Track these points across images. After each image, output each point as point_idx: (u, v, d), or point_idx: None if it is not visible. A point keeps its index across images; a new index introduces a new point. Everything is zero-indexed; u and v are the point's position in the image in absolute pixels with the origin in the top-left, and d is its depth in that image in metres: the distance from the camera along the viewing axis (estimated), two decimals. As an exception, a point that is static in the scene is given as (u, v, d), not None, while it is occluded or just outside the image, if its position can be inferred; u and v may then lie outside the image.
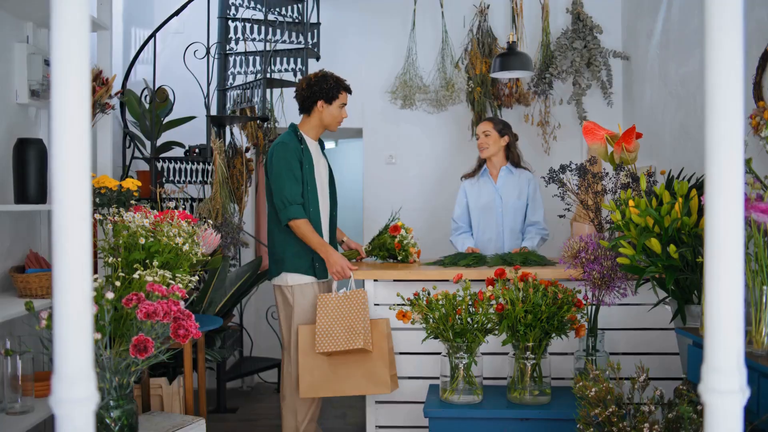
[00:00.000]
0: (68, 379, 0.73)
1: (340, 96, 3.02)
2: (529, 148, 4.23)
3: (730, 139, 0.78)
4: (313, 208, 2.96)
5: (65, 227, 0.71)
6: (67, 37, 0.69)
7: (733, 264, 0.76)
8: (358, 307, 2.78)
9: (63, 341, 0.74)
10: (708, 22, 0.78)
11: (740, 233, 0.80)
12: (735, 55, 0.76)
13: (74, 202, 0.71)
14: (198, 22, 4.01)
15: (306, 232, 2.88)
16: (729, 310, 0.78)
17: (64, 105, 0.70)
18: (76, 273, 0.74)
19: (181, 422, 2.50)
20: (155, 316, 1.92)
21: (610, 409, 2.05)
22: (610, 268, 2.47)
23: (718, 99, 0.77)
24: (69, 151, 0.71)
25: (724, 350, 0.81)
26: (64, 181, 0.70)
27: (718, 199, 0.76)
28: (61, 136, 0.70)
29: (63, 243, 0.71)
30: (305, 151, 2.97)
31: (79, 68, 0.71)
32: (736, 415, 0.84)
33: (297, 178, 2.89)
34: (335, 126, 3.07)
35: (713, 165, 0.77)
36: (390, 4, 4.53)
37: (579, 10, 4.22)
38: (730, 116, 0.77)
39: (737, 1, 0.76)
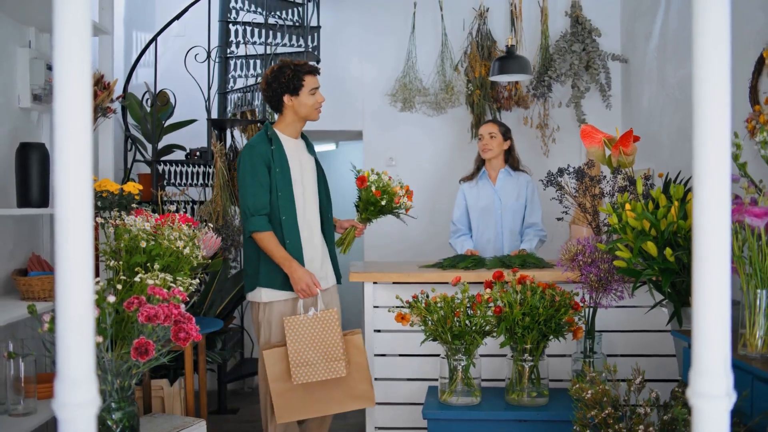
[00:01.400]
0: (71, 383, 0.74)
1: (305, 82, 2.70)
2: (529, 151, 4.25)
3: (718, 148, 0.79)
4: (286, 216, 2.68)
5: (67, 232, 0.72)
6: (68, 42, 0.70)
7: (721, 272, 0.77)
8: (331, 329, 2.60)
9: (65, 346, 0.75)
10: (695, 35, 0.80)
11: (727, 242, 0.81)
12: (722, 68, 0.78)
13: (76, 207, 0.72)
14: (199, 25, 4.03)
15: (269, 246, 2.64)
16: (716, 316, 0.79)
17: (66, 109, 0.71)
18: (78, 280, 0.75)
19: (182, 424, 2.53)
20: (156, 319, 1.94)
21: (606, 411, 2.07)
22: (607, 271, 2.49)
23: (706, 109, 0.79)
24: (71, 156, 0.72)
25: (711, 355, 0.82)
26: (67, 186, 0.72)
27: (705, 207, 0.77)
28: (64, 140, 0.71)
29: (65, 248, 0.72)
30: (277, 152, 2.69)
31: (80, 73, 0.71)
32: (723, 419, 0.86)
33: (263, 184, 2.65)
34: (315, 114, 2.76)
35: (700, 176, 0.79)
36: (390, 7, 4.55)
37: (578, 13, 4.24)
38: (717, 125, 0.78)
39: (724, 15, 0.78)
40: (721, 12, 0.76)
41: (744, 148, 2.57)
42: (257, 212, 2.64)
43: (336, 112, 4.23)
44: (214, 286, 3.47)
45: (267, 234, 2.64)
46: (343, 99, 4.45)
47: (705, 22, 0.77)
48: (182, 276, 2.40)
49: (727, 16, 0.79)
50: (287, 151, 2.73)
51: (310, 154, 2.86)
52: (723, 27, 0.76)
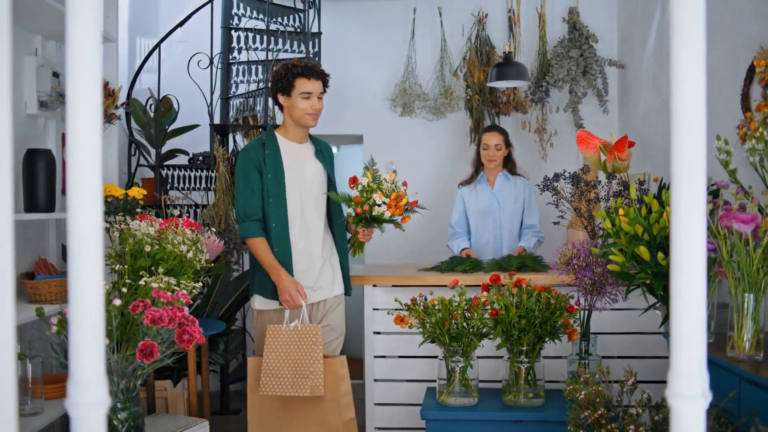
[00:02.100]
0: (82, 383, 0.77)
1: (296, 84, 2.58)
2: (527, 155, 4.31)
3: (694, 159, 0.82)
4: (276, 223, 2.60)
5: (79, 238, 0.74)
6: (81, 52, 0.72)
7: (697, 279, 0.79)
8: (310, 346, 2.47)
9: (77, 349, 0.79)
10: (673, 49, 0.82)
11: (703, 251, 0.83)
12: (697, 82, 0.79)
13: (88, 212, 0.74)
14: (201, 31, 4.10)
15: (258, 252, 2.59)
16: (692, 322, 0.82)
17: (79, 117, 0.73)
18: (89, 286, 0.79)
19: (186, 424, 2.58)
20: (161, 322, 1.99)
21: (599, 411, 2.12)
22: (601, 275, 2.54)
23: (682, 124, 0.81)
24: (84, 162, 0.74)
25: (687, 358, 0.85)
26: (79, 192, 0.73)
27: (682, 216, 0.80)
28: (76, 146, 0.73)
29: (77, 254, 0.74)
30: (270, 157, 2.61)
31: (92, 83, 0.73)
32: (699, 418, 0.90)
33: (254, 189, 2.60)
34: (308, 120, 2.63)
35: (678, 187, 0.80)
36: (390, 13, 4.62)
37: (575, 19, 4.29)
38: (693, 137, 0.79)
39: (700, 31, 0.82)
40: (697, 26, 0.76)
41: (735, 154, 2.62)
42: (248, 217, 2.60)
43: (337, 116, 4.29)
44: (217, 289, 3.52)
45: (257, 240, 2.59)
46: (344, 103, 4.51)
47: (681, 37, 0.78)
48: (186, 279, 2.46)
49: (702, 30, 0.78)
50: (285, 156, 2.65)
51: (320, 159, 2.73)
52: (699, 42, 0.77)
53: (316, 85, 2.61)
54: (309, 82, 2.59)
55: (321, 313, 2.71)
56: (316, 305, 2.69)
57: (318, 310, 2.70)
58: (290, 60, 2.64)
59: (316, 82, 2.61)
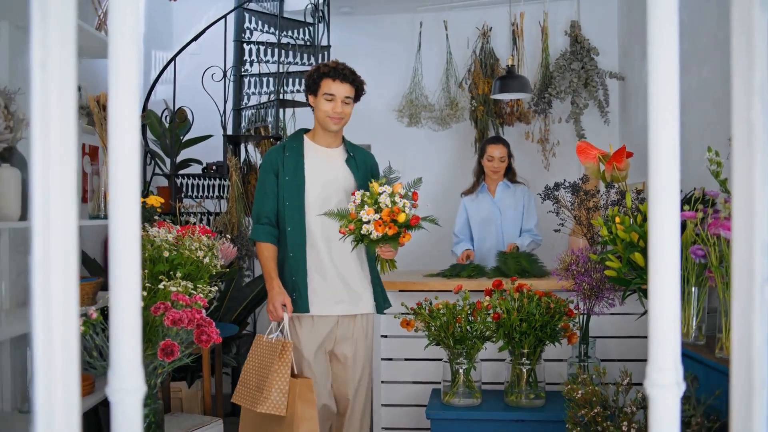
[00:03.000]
0: (121, 373, 0.84)
1: (321, 84, 2.49)
2: (530, 164, 4.43)
3: (668, 175, 0.90)
4: (291, 227, 2.49)
5: (120, 244, 0.81)
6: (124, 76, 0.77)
7: (671, 281, 0.86)
8: (279, 362, 2.33)
9: (118, 342, 0.85)
10: (651, 69, 0.90)
11: (676, 257, 0.91)
12: (671, 102, 0.86)
13: (128, 221, 0.81)
14: (213, 44, 4.24)
15: (261, 257, 2.51)
16: (668, 319, 0.87)
17: (120, 131, 0.78)
18: (128, 286, 0.89)
19: (201, 422, 2.70)
20: (181, 323, 2.12)
21: (595, 410, 2.23)
22: (599, 280, 2.64)
23: (658, 140, 0.89)
24: (125, 173, 0.80)
25: (664, 352, 0.93)
26: (120, 202, 0.80)
27: (657, 225, 0.86)
28: (118, 160, 0.79)
29: (118, 258, 0.82)
30: (290, 160, 2.53)
31: (131, 106, 0.78)
32: (674, 405, 1.00)
33: (267, 192, 2.52)
34: (330, 123, 2.53)
35: (654, 197, 0.88)
36: (397, 27, 4.75)
37: (577, 32, 4.42)
38: (668, 152, 0.86)
39: (674, 49, 0.91)
40: (671, 45, 0.82)
41: (728, 165, 2.73)
42: (258, 220, 2.55)
43: (346, 126, 4.41)
44: (230, 293, 3.65)
45: (262, 245, 2.52)
46: (353, 114, 4.63)
47: (657, 57, 0.83)
48: (202, 284, 2.58)
49: (675, 52, 0.83)
50: (309, 160, 2.54)
51: (351, 167, 2.61)
52: (673, 61, 0.82)
53: (341, 88, 2.50)
54: (334, 83, 2.48)
55: (343, 330, 2.56)
56: (342, 319, 2.54)
57: (339, 327, 2.55)
58: (325, 61, 2.56)
59: (342, 85, 2.50)
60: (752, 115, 0.75)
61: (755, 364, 0.78)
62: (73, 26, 0.79)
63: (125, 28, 0.81)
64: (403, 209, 2.32)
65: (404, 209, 2.32)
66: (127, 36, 0.80)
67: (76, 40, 0.79)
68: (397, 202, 2.33)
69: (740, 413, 0.78)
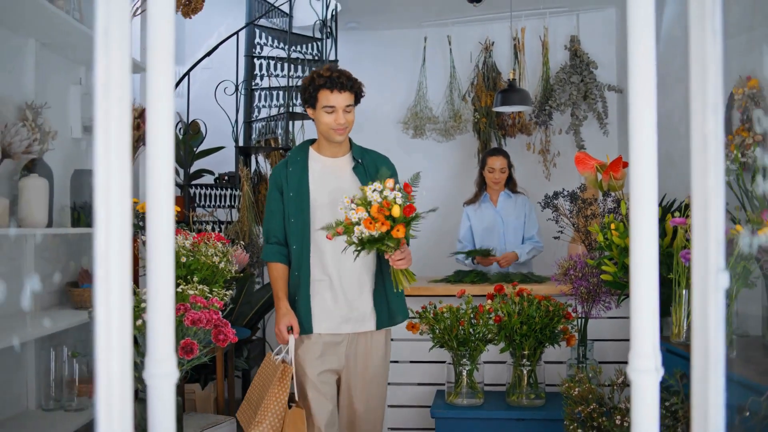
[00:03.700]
0: (157, 358, 0.90)
1: (319, 97, 2.32)
2: (531, 175, 4.56)
3: (647, 181, 1.00)
4: (297, 245, 2.38)
5: (156, 248, 0.87)
6: (156, 90, 0.82)
7: (650, 278, 0.91)
8: (278, 386, 2.26)
9: (154, 331, 0.91)
10: (630, 86, 1.00)
11: (655, 257, 1.00)
12: (650, 114, 0.94)
13: (163, 224, 0.89)
14: (225, 58, 4.40)
15: (270, 277, 2.44)
16: (648, 312, 0.93)
17: (158, 146, 0.81)
18: (163, 282, 0.97)
19: (215, 421, 2.82)
20: (200, 323, 2.25)
21: (591, 406, 2.34)
22: (596, 284, 2.77)
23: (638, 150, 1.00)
24: (159, 185, 0.83)
25: (644, 341, 0.97)
26: (156, 209, 0.84)
27: (638, 227, 0.90)
28: (154, 175, 0.82)
29: (155, 260, 0.87)
30: (294, 174, 2.41)
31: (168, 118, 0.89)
32: (654, 388, 1.09)
33: (272, 211, 2.44)
34: (334, 135, 2.36)
35: (635, 200, 0.96)
36: (402, 42, 4.91)
37: (576, 47, 4.56)
38: (647, 166, 0.90)
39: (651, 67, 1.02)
40: (648, 62, 0.85)
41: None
42: (267, 240, 2.48)
43: (353, 138, 4.56)
44: (242, 299, 3.78)
45: (270, 265, 2.45)
46: (359, 126, 4.75)
47: (636, 75, 0.87)
48: (217, 287, 2.72)
49: (653, 66, 0.85)
50: (313, 173, 2.42)
51: (359, 174, 2.44)
52: (650, 76, 0.85)
53: (341, 97, 2.31)
54: (332, 94, 2.31)
55: (355, 348, 2.44)
56: (353, 337, 2.42)
57: (352, 345, 2.44)
58: (318, 69, 2.38)
59: (341, 94, 2.31)
60: (706, 130, 0.87)
61: (711, 344, 0.90)
62: (128, 58, 0.92)
63: (163, 53, 0.93)
64: (395, 201, 2.10)
65: (395, 201, 2.10)
66: (164, 60, 0.90)
67: (131, 68, 0.92)
68: (388, 196, 2.10)
69: (699, 384, 0.90)
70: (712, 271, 0.93)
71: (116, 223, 0.89)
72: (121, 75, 0.93)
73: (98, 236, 0.85)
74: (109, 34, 0.88)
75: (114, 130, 0.94)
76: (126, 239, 0.91)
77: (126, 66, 0.91)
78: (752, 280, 2.16)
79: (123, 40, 0.89)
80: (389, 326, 2.47)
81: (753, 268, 2.13)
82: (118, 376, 0.92)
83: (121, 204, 0.92)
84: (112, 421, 0.85)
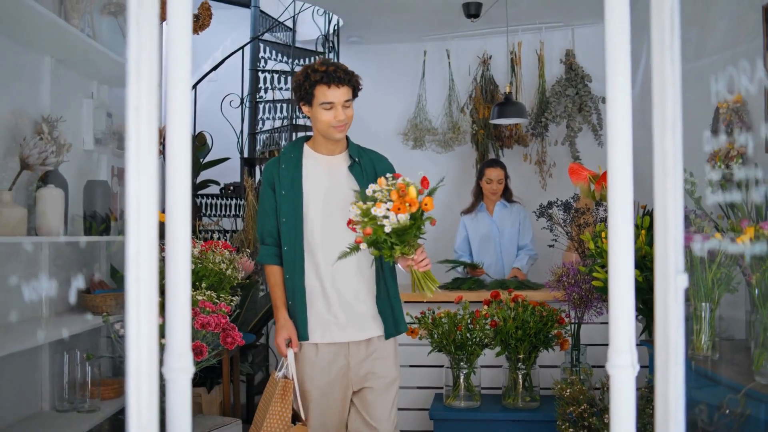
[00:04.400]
0: (175, 354, 0.97)
1: (315, 93, 2.17)
2: (528, 185, 4.68)
3: (623, 191, 1.07)
4: (288, 246, 2.23)
5: (175, 253, 0.95)
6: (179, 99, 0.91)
7: (627, 282, 0.99)
8: (281, 403, 2.14)
9: (173, 329, 0.98)
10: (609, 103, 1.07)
11: (631, 262, 1.07)
12: (625, 128, 0.97)
13: (180, 231, 0.95)
14: (230, 71, 4.53)
15: (268, 281, 2.30)
16: (625, 313, 1.01)
17: (176, 156, 0.90)
18: (180, 284, 1.00)
19: (222, 422, 2.93)
20: (209, 326, 2.37)
21: (582, 407, 2.45)
22: (588, 290, 2.88)
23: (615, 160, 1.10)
24: (177, 198, 0.92)
25: (621, 339, 1.01)
26: (175, 218, 0.93)
27: (617, 234, 0.96)
28: (174, 189, 0.92)
29: (174, 263, 0.95)
30: (286, 171, 2.27)
31: (185, 132, 0.94)
32: (630, 383, 1.14)
33: (266, 209, 2.29)
34: (332, 132, 2.21)
35: (613, 208, 1.06)
36: (402, 56, 5.06)
37: (571, 60, 4.70)
38: (622, 173, 0.98)
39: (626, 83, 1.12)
40: (624, 79, 0.94)
41: (698, 185, 2.97)
42: (262, 241, 2.32)
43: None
44: (247, 305, 3.89)
45: (267, 267, 2.30)
46: (360, 137, 4.89)
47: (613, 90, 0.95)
48: (224, 293, 2.83)
49: (628, 82, 0.96)
50: (307, 171, 2.28)
51: (354, 174, 2.31)
52: (625, 91, 0.95)
53: (339, 92, 2.17)
54: (330, 90, 2.16)
55: (358, 358, 2.26)
56: (355, 346, 2.25)
57: (356, 354, 2.26)
58: (312, 63, 2.23)
59: (339, 89, 2.17)
60: (666, 146, 0.99)
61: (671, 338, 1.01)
62: (156, 81, 1.03)
63: (182, 72, 1.01)
64: (406, 182, 1.99)
65: (407, 182, 1.99)
66: (182, 78, 0.93)
67: (158, 95, 1.03)
68: (397, 180, 2.00)
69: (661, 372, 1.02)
70: (671, 273, 1.04)
71: (144, 231, 0.98)
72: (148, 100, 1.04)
73: (129, 243, 0.94)
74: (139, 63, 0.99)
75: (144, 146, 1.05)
76: (153, 246, 1.00)
77: (153, 92, 1.02)
78: (734, 285, 2.27)
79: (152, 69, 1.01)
80: (396, 335, 2.31)
81: (735, 274, 2.24)
82: (146, 369, 1.01)
83: (148, 215, 1.01)
84: (140, 410, 0.94)
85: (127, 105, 0.95)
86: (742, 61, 2.84)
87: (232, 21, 5.08)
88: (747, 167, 2.41)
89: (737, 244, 2.15)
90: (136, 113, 0.99)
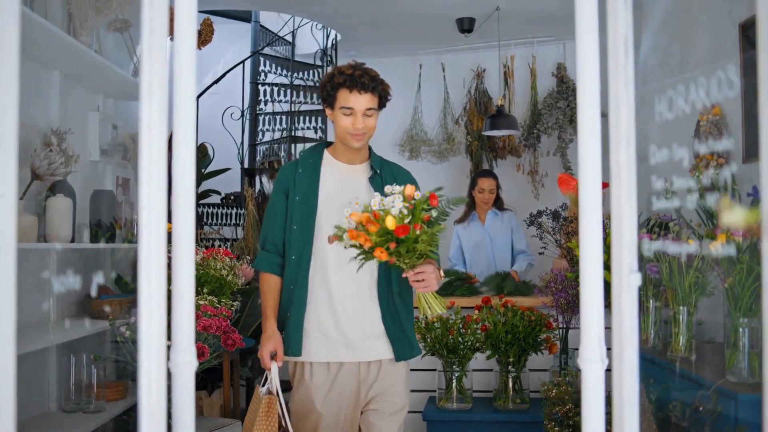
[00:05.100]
0: (180, 349, 1.05)
1: (337, 96, 2.05)
2: (520, 194, 4.81)
3: (592, 198, 1.20)
4: (296, 255, 2.09)
5: (180, 257, 1.02)
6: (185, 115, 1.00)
7: (596, 285, 1.08)
8: (264, 420, 1.99)
9: (179, 327, 1.06)
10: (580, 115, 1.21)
11: (600, 267, 1.18)
12: (594, 141, 1.06)
13: (185, 238, 1.02)
14: (231, 84, 4.67)
15: (261, 289, 2.16)
16: (594, 311, 1.07)
17: (183, 165, 0.96)
18: (185, 287, 1.07)
19: (222, 423, 3.04)
20: (210, 329, 2.48)
21: (567, 406, 2.56)
22: (575, 296, 2.99)
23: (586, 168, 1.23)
24: (183, 204, 1.04)
25: (591, 336, 1.08)
26: (181, 224, 1.00)
27: (585, 245, 1.03)
28: (180, 198, 1.03)
29: (180, 268, 1.02)
30: (304, 176, 2.14)
31: (190, 143, 1.17)
32: (600, 376, 1.19)
33: (272, 216, 2.16)
34: (352, 141, 2.09)
35: (584, 216, 1.08)
36: (399, 69, 5.19)
37: (563, 73, 4.83)
38: (592, 183, 1.04)
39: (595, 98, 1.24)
40: (593, 93, 1.01)
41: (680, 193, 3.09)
42: (262, 246, 2.19)
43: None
44: (247, 310, 4.00)
45: (262, 275, 2.16)
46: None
47: (583, 101, 1.04)
48: (225, 298, 2.95)
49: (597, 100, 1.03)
50: (325, 178, 2.15)
51: (375, 186, 2.13)
52: (594, 106, 1.03)
53: (361, 99, 2.03)
54: (351, 95, 2.03)
55: (366, 380, 2.12)
56: (365, 366, 2.11)
57: (363, 375, 2.12)
58: (342, 65, 2.11)
59: (362, 96, 2.04)
60: (620, 160, 1.11)
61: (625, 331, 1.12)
62: (165, 104, 1.15)
63: (187, 88, 1.12)
64: (390, 212, 1.77)
65: (392, 211, 1.77)
66: (187, 95, 1.01)
67: (167, 114, 1.14)
68: (386, 205, 1.81)
69: (617, 362, 1.13)
70: (625, 272, 1.16)
71: (155, 238, 1.07)
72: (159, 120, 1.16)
73: (142, 249, 1.02)
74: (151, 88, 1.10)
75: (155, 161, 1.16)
76: (162, 252, 1.08)
77: (163, 114, 1.13)
78: (710, 289, 2.39)
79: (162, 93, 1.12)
80: (408, 359, 2.14)
81: (710, 279, 2.36)
82: (156, 361, 1.11)
83: (158, 224, 1.10)
84: (151, 398, 1.03)
85: (140, 125, 1.03)
86: (720, 75, 2.98)
87: (233, 35, 5.22)
88: (723, 176, 2.53)
89: (709, 249, 2.27)
90: (148, 131, 1.09)
